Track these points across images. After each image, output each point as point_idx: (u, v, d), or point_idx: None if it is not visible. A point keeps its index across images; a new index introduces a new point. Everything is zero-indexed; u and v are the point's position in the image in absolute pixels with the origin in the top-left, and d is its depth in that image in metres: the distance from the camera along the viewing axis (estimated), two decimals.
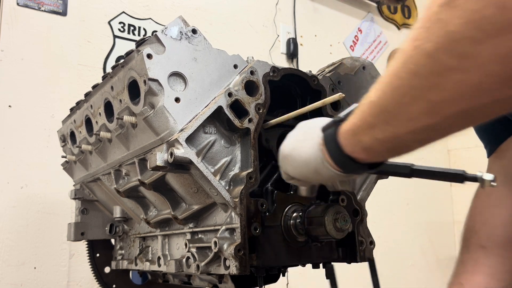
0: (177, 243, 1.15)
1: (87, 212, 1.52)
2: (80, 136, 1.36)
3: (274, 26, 2.90)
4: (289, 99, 1.13)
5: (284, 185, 1.06)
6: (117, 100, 1.07)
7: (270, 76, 1.03)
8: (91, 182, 1.45)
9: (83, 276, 1.97)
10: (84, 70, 2.12)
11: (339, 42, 3.27)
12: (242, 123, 0.97)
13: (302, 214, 0.96)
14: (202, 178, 0.92)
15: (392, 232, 3.34)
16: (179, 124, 0.92)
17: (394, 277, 3.31)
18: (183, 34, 0.96)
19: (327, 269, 1.08)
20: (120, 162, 1.18)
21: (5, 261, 1.80)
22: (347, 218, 0.92)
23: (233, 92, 0.97)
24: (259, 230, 0.91)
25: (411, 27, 3.79)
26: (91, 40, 2.17)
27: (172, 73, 0.93)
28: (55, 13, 2.04)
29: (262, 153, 1.02)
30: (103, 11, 2.23)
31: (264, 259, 0.93)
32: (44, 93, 1.97)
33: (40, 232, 1.89)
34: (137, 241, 1.37)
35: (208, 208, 1.02)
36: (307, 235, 0.95)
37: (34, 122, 1.93)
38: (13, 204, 1.85)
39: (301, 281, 2.72)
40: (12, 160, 1.87)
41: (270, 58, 2.81)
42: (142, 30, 2.34)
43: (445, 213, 3.72)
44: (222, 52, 1.00)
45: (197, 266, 0.96)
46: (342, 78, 1.17)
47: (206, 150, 0.95)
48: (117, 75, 1.06)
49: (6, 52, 1.91)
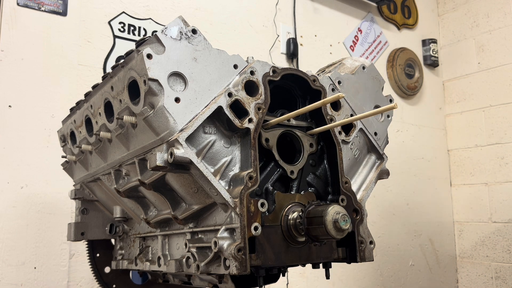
0: (177, 243, 1.15)
1: (87, 212, 1.53)
2: (80, 136, 1.36)
3: (274, 26, 2.90)
4: (289, 99, 1.13)
5: (284, 185, 1.07)
6: (117, 100, 1.07)
7: (270, 76, 1.03)
8: (91, 182, 1.45)
9: (83, 276, 1.97)
10: (84, 70, 2.12)
11: (339, 42, 3.27)
12: (242, 123, 0.97)
13: (302, 214, 0.96)
14: (202, 178, 0.92)
15: (392, 232, 3.34)
16: (179, 124, 0.92)
17: (394, 277, 3.31)
18: (183, 34, 0.96)
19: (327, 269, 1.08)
20: (120, 162, 1.18)
21: (5, 261, 1.80)
22: (347, 218, 0.92)
23: (233, 92, 0.97)
24: (259, 230, 0.91)
25: (410, 27, 3.80)
26: (91, 40, 2.17)
27: (172, 73, 0.93)
28: (55, 13, 2.04)
29: (262, 153, 1.02)
30: (103, 11, 2.23)
31: (264, 259, 0.92)
32: (44, 93, 1.97)
33: (40, 232, 1.89)
34: (137, 241, 1.37)
35: (208, 208, 1.02)
36: (307, 235, 0.95)
37: (34, 122, 1.93)
38: (13, 204, 1.85)
39: (301, 281, 2.72)
40: (12, 160, 1.87)
41: (270, 58, 2.82)
42: (142, 30, 2.34)
43: (445, 213, 3.72)
44: (222, 52, 1.00)
45: (197, 266, 0.96)
46: (342, 78, 1.17)
47: (206, 150, 0.95)
48: (117, 75, 1.06)
49: (6, 52, 1.91)
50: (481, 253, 3.54)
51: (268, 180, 1.02)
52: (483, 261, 3.52)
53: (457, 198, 3.73)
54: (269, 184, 1.02)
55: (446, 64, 3.94)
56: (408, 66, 3.65)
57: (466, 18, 3.82)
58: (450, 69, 3.91)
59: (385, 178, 1.27)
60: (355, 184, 1.20)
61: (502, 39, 3.56)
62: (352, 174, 1.20)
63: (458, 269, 3.70)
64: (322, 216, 0.91)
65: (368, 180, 1.21)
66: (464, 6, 3.84)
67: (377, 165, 1.24)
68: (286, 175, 1.05)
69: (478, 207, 3.57)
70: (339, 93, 0.99)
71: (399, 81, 3.55)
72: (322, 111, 1.10)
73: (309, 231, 0.94)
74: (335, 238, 0.92)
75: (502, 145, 3.48)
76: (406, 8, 3.79)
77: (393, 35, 3.65)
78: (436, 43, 3.87)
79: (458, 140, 3.80)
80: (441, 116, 3.89)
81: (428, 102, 3.81)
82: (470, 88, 3.76)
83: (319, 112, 1.10)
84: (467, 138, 3.73)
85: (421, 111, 3.74)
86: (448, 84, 3.92)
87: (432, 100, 3.85)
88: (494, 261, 3.45)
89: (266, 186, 1.01)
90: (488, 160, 3.54)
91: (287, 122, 1.07)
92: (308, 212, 0.95)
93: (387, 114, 1.27)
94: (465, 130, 3.75)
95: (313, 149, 1.10)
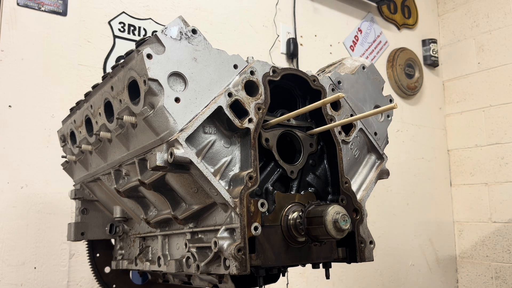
0: (177, 243, 1.15)
1: (87, 212, 1.53)
2: (80, 136, 1.36)
3: (274, 26, 2.90)
4: (289, 99, 1.13)
5: (284, 185, 1.07)
6: (117, 100, 1.07)
7: (270, 76, 1.03)
8: (91, 182, 1.45)
9: (83, 276, 1.97)
10: (84, 70, 2.12)
11: (339, 42, 3.27)
12: (242, 123, 0.97)
13: (302, 214, 0.96)
14: (202, 178, 0.92)
15: (392, 232, 3.34)
16: (179, 124, 0.92)
17: (394, 277, 3.31)
18: (183, 34, 0.96)
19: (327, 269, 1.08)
20: (120, 162, 1.18)
21: (5, 261, 1.80)
22: (347, 218, 0.92)
23: (233, 92, 0.97)
24: (259, 230, 0.91)
25: (410, 27, 3.80)
26: (91, 40, 2.17)
27: (172, 73, 0.93)
28: (55, 13, 2.04)
29: (262, 153, 1.02)
30: (103, 11, 2.23)
31: (264, 259, 0.92)
32: (44, 93, 1.97)
33: (40, 232, 1.89)
34: (137, 241, 1.37)
35: (208, 208, 1.02)
36: (307, 235, 0.95)
37: (34, 122, 1.93)
38: (13, 204, 1.85)
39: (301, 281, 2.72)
40: (12, 160, 1.87)
41: (270, 58, 2.82)
42: (142, 30, 2.34)
43: (445, 213, 3.72)
44: (222, 52, 1.00)
45: (197, 266, 0.96)
46: (342, 78, 1.17)
47: (206, 150, 0.95)
48: (117, 75, 1.06)
49: (6, 52, 1.91)
50: (481, 253, 3.54)
51: (268, 180, 1.03)
52: (483, 261, 3.52)
53: (457, 198, 3.73)
54: (269, 184, 1.02)
55: (446, 64, 3.94)
56: (408, 66, 3.65)
57: (466, 18, 3.82)
58: (450, 69, 3.91)
59: (385, 178, 1.27)
60: (355, 184, 1.20)
61: (502, 39, 3.57)
62: (352, 174, 1.20)
63: (458, 269, 3.70)
64: (322, 216, 0.91)
65: (368, 180, 1.21)
66: (464, 6, 3.84)
67: (377, 165, 1.24)
68: (286, 175, 1.05)
69: (478, 207, 3.57)
70: (339, 93, 0.99)
71: (399, 81, 3.55)
72: (322, 111, 1.10)
73: (309, 231, 0.94)
74: (335, 238, 0.92)
75: (502, 145, 3.48)
76: (406, 8, 3.79)
77: (393, 35, 3.66)
78: (436, 43, 3.87)
79: (458, 140, 3.80)
80: (441, 116, 3.89)
81: (428, 102, 3.81)
82: (470, 88, 3.76)
83: (319, 112, 1.10)
84: (467, 138, 3.74)
85: (421, 111, 3.74)
86: (448, 84, 3.92)
87: (432, 100, 3.85)
88: (494, 261, 3.45)
89: (266, 186, 1.01)
90: (488, 160, 3.54)
91: (287, 122, 1.07)
92: (308, 212, 0.95)
93: (387, 114, 1.27)
94: (465, 130, 3.75)
95: (313, 149, 1.10)
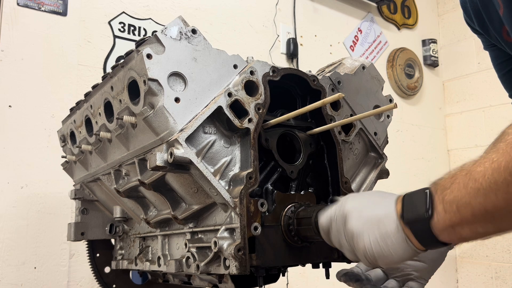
0: (177, 243, 1.15)
1: (87, 212, 1.53)
2: (80, 136, 1.36)
3: (274, 26, 2.90)
4: (289, 99, 1.13)
5: (284, 185, 1.07)
6: (117, 100, 1.07)
7: (270, 76, 1.03)
8: (91, 182, 1.45)
9: (83, 276, 1.97)
10: (84, 70, 2.12)
11: (339, 42, 3.27)
12: (242, 123, 0.97)
13: (292, 215, 0.96)
14: (202, 178, 0.92)
15: None
16: (179, 124, 0.92)
17: None
18: (182, 34, 0.96)
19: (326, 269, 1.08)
20: (120, 162, 1.18)
21: (5, 261, 1.80)
22: None
23: (233, 92, 0.97)
24: (259, 230, 0.91)
25: (410, 27, 3.79)
26: (91, 40, 2.17)
27: (171, 73, 0.93)
28: (55, 13, 2.04)
29: (262, 153, 1.02)
30: (103, 11, 2.23)
31: (264, 259, 0.92)
32: (44, 93, 1.97)
33: (40, 232, 1.89)
34: (137, 241, 1.37)
35: (208, 208, 1.02)
36: (297, 236, 0.96)
37: (34, 122, 1.93)
38: (13, 204, 1.85)
39: (301, 281, 2.72)
40: (12, 160, 1.87)
41: (270, 58, 2.82)
42: (142, 30, 2.34)
43: None
44: (222, 52, 1.00)
45: (197, 266, 0.96)
46: (342, 78, 1.17)
47: (206, 150, 0.95)
48: (117, 75, 1.06)
49: (6, 52, 1.91)
50: (481, 253, 3.54)
51: (268, 180, 1.03)
52: (483, 261, 3.52)
53: None
54: (269, 184, 1.02)
55: (446, 64, 3.94)
56: (408, 66, 3.65)
57: None
58: (450, 69, 3.91)
59: (385, 178, 1.27)
60: (355, 184, 1.20)
61: None
62: (352, 174, 1.20)
63: (458, 269, 3.70)
64: (310, 217, 0.92)
65: (368, 180, 1.21)
66: None
67: (377, 165, 1.24)
68: (286, 175, 1.05)
69: None
70: (339, 93, 0.99)
71: (399, 81, 3.55)
72: (322, 111, 1.10)
73: (299, 232, 0.95)
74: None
75: None
76: (406, 8, 3.79)
77: (393, 35, 3.65)
78: (436, 43, 3.87)
79: (458, 140, 3.80)
80: (441, 116, 3.89)
81: (428, 102, 3.81)
82: (470, 88, 3.76)
83: (319, 112, 1.10)
84: (467, 138, 3.73)
85: (421, 111, 3.74)
86: (448, 84, 3.92)
87: (432, 100, 3.84)
88: (494, 261, 3.45)
89: (266, 186, 1.01)
90: None
91: (287, 122, 1.07)
92: (298, 213, 0.96)
93: (387, 114, 1.27)
94: (465, 130, 3.75)
95: (313, 149, 1.10)
